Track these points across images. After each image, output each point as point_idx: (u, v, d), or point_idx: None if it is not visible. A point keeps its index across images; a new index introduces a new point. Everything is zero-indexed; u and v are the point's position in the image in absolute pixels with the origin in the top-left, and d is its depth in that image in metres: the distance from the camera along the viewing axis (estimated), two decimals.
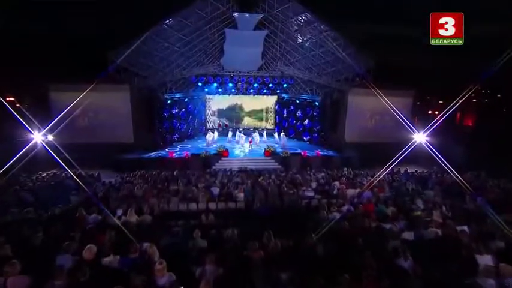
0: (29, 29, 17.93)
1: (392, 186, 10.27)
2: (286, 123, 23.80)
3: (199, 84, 20.17)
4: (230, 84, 20.85)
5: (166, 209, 7.92)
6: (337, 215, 6.83)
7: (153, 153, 17.14)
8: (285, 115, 24.00)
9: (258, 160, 16.78)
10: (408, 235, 5.43)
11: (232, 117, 24.42)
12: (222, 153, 16.88)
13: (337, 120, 19.25)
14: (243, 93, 22.54)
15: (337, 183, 10.45)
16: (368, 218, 6.26)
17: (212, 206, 8.18)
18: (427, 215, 6.67)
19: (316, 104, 20.72)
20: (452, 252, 4.44)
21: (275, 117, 24.92)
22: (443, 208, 7.04)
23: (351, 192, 9.35)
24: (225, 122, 24.10)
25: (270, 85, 20.97)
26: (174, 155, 16.80)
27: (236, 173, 12.71)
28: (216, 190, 9.27)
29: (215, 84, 20.52)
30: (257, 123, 24.66)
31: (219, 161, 16.46)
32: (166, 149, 18.10)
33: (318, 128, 21.00)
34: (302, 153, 17.17)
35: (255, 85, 21.07)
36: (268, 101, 24.79)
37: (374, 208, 7.37)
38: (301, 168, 14.85)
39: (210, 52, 20.34)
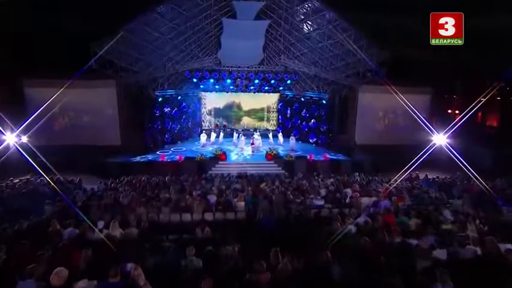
0: None
1: (413, 194, 10.02)
2: (290, 124, 23.61)
3: (194, 80, 20.00)
4: (228, 81, 20.64)
5: (155, 220, 7.67)
6: (352, 228, 6.49)
7: (142, 157, 17.07)
8: (288, 115, 23.82)
9: (259, 164, 16.71)
10: (440, 254, 5.07)
11: (229, 117, 24.35)
12: (219, 157, 16.80)
13: (346, 120, 19.21)
14: (242, 91, 22.37)
15: (349, 190, 10.35)
16: (389, 231, 5.88)
17: (208, 216, 7.95)
18: (458, 228, 6.40)
19: (323, 102, 20.55)
20: (499, 276, 3.98)
21: (277, 117, 24.73)
22: (477, 221, 6.71)
23: (365, 201, 9.14)
24: (224, 122, 23.95)
25: (272, 81, 20.80)
26: (166, 158, 16.70)
27: (235, 179, 12.63)
28: (212, 198, 9.12)
29: (211, 81, 20.30)
30: (257, 124, 24.52)
31: (216, 165, 16.36)
32: (157, 152, 18.04)
33: (325, 128, 20.91)
34: (308, 157, 17.13)
35: (256, 81, 20.85)
36: (270, 99, 24.63)
37: (394, 220, 7.01)
38: (307, 174, 14.65)
39: (206, 44, 20.13)
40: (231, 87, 21.71)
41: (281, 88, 22.43)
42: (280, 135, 21.25)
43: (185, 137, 22.04)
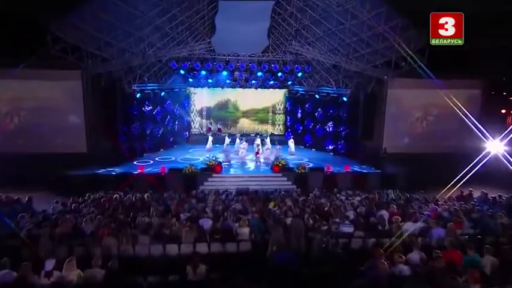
0: None
1: (472, 218, 9.62)
2: (301, 127, 23.77)
3: (182, 72, 20.18)
4: (224, 73, 20.70)
5: (129, 254, 7.39)
6: (404, 269, 6.12)
7: (113, 169, 17.18)
8: (299, 116, 23.97)
9: (264, 178, 16.98)
10: None
11: (223, 119, 24.54)
12: (214, 168, 16.92)
13: (373, 122, 19.17)
14: (241, 86, 22.45)
15: (385, 212, 10.12)
16: (461, 276, 5.36)
17: (202, 248, 7.73)
18: None
19: (344, 100, 20.58)
20: None
21: (285, 119, 24.94)
22: None
23: (409, 227, 8.70)
24: (218, 125, 24.08)
25: (279, 74, 20.90)
26: (145, 170, 16.83)
27: (234, 196, 12.74)
28: (206, 223, 8.95)
29: (203, 73, 20.41)
30: (259, 128, 24.74)
31: (209, 179, 16.52)
32: (134, 162, 18.26)
33: (345, 133, 21.01)
34: (325, 169, 17.24)
35: (259, 74, 20.88)
36: (276, 97, 24.85)
37: (461, 257, 6.60)
38: (325, 190, 14.72)
39: (197, 27, 20.05)
40: (228, 81, 21.77)
41: (290, 82, 22.71)
42: (291, 142, 21.25)
43: (170, 144, 22.30)
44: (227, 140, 20.76)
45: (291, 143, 20.95)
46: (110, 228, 8.33)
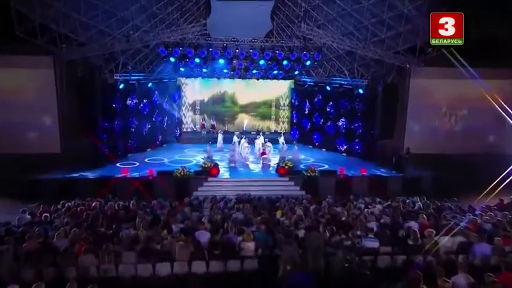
0: None
1: None
2: (309, 124, 23.73)
3: (172, 59, 19.97)
4: (221, 61, 20.54)
5: (112, 275, 7.39)
6: None
7: (92, 172, 17.12)
8: (306, 111, 23.92)
9: (267, 182, 17.08)
10: None
11: (218, 115, 24.67)
12: (209, 171, 16.93)
13: (394, 118, 19.05)
14: (240, 77, 22.50)
15: (413, 223, 10.06)
16: None
17: (199, 267, 7.80)
18: None
19: (360, 92, 20.46)
20: None
21: (290, 115, 25.05)
22: None
23: (447, 242, 8.68)
24: (212, 121, 24.18)
25: (285, 62, 20.73)
26: (130, 173, 16.86)
27: (234, 204, 12.75)
28: (204, 236, 8.91)
29: (197, 61, 20.23)
30: (259, 124, 24.81)
31: (205, 184, 16.57)
32: (117, 164, 18.30)
33: (361, 131, 20.91)
34: (338, 172, 17.38)
35: (261, 62, 20.75)
36: (279, 89, 25.06)
37: None
38: (339, 196, 14.80)
39: (190, 7, 20.01)
40: (225, 70, 21.74)
41: (297, 72, 22.53)
42: (294, 145, 20.48)
43: (158, 143, 22.34)
44: (220, 138, 21.12)
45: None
46: (88, 244, 8.27)
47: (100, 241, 8.50)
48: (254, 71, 21.71)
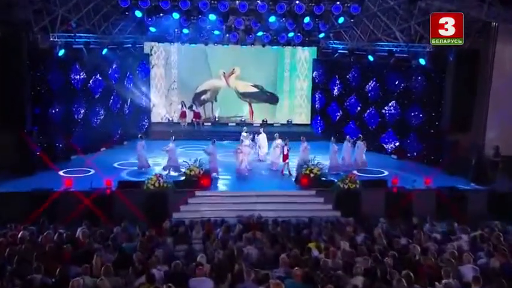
0: None
1: None
2: (340, 112, 23.76)
3: (138, 13, 19.99)
4: (212, 18, 20.56)
5: None
6: None
7: (18, 183, 17.02)
8: (335, 92, 24.11)
9: (282, 197, 17.26)
10: None
11: (203, 99, 25.32)
12: (198, 181, 17.01)
13: (471, 102, 18.97)
14: (237, 42, 22.61)
15: None
16: None
17: None
18: None
19: (420, 63, 20.30)
20: None
21: (312, 97, 25.48)
22: None
23: None
24: (195, 108, 24.75)
25: (306, 20, 20.84)
26: (76, 185, 16.72)
27: (237, 229, 12.81)
28: (205, 286, 8.85)
29: (175, 17, 20.31)
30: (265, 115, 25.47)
31: (191, 201, 16.69)
32: (59, 173, 18.24)
33: (420, 121, 20.85)
34: (390, 183, 17.38)
35: (271, 20, 20.80)
36: (296, 60, 25.51)
37: None
38: (393, 219, 14.54)
39: None
40: (217, 32, 22.07)
41: (322, 35, 22.76)
42: (262, 137, 21.08)
43: (117, 139, 22.42)
44: (262, 140, 20.81)
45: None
46: None
47: None
48: (260, 33, 21.67)
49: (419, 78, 20.52)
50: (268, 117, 25.37)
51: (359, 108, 22.52)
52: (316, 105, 24.42)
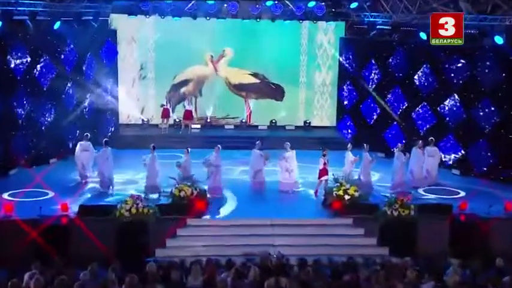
0: None
1: None
2: (378, 110, 23.11)
3: None
4: None
5: None
6: None
7: None
8: (372, 82, 23.26)
9: (308, 227, 17.07)
10: None
11: (185, 93, 25.61)
12: (190, 206, 16.65)
13: None
14: (236, 15, 22.72)
15: None
16: None
17: None
18: None
19: (496, 42, 19.96)
20: None
21: (338, 91, 25.27)
22: None
23: None
24: (187, 105, 24.73)
25: None
26: (17, 214, 16.35)
27: (257, 275, 11.98)
28: None
29: None
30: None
31: (180, 233, 16.41)
32: None
33: (492, 122, 20.71)
34: (457, 208, 16.94)
35: None
36: (317, 40, 25.28)
37: None
38: (462, 258, 13.78)
39: None
40: (210, 1, 22.06)
41: (354, 5, 22.26)
42: (349, 148, 20.44)
43: (73, 145, 21.87)
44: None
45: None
46: None
47: None
48: (268, 3, 21.46)
49: (493, 63, 19.41)
50: (274, 118, 24.60)
51: (404, 105, 21.79)
52: (345, 102, 23.87)
